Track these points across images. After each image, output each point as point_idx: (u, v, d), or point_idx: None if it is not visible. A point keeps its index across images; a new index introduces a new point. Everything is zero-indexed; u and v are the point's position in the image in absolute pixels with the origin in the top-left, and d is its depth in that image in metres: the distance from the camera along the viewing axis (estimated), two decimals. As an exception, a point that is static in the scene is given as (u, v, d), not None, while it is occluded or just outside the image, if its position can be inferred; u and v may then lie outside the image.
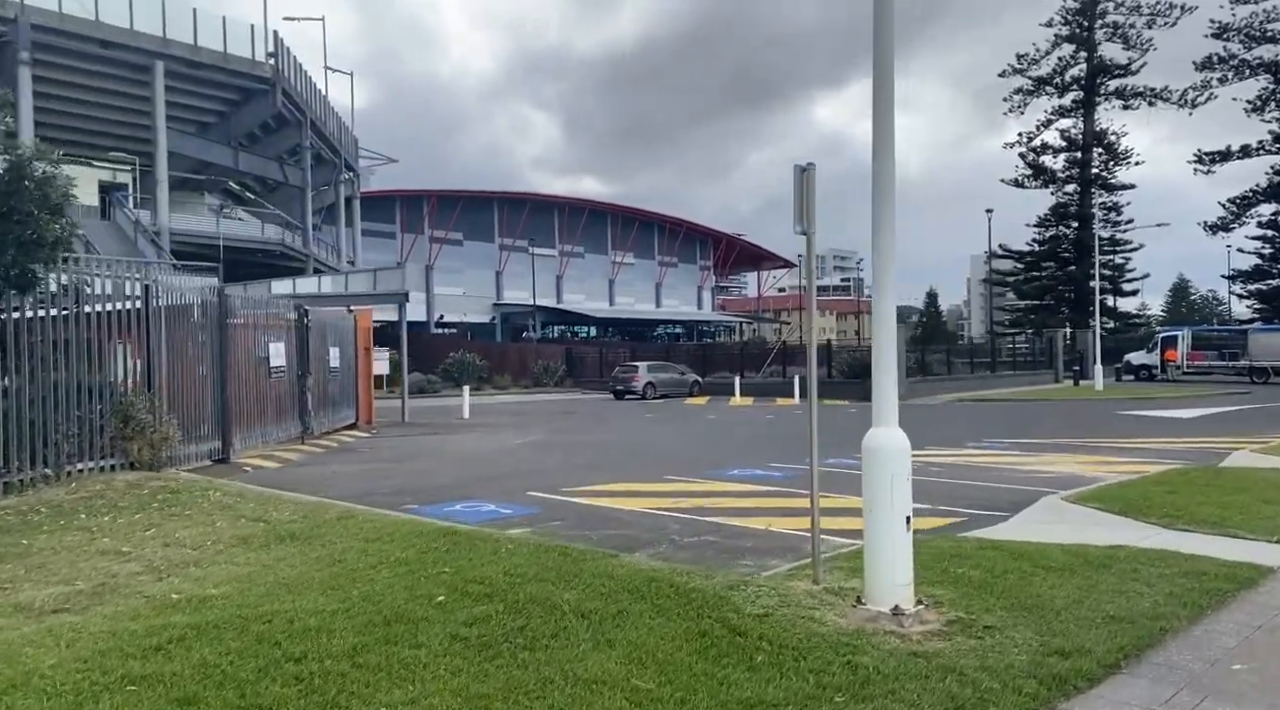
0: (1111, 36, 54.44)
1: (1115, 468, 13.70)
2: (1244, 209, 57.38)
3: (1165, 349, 42.82)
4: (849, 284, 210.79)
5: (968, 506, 10.25)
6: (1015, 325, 58.89)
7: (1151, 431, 20.44)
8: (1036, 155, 56.45)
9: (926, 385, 34.71)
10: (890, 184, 5.39)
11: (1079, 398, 32.76)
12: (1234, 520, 8.48)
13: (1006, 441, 18.41)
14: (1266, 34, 54.79)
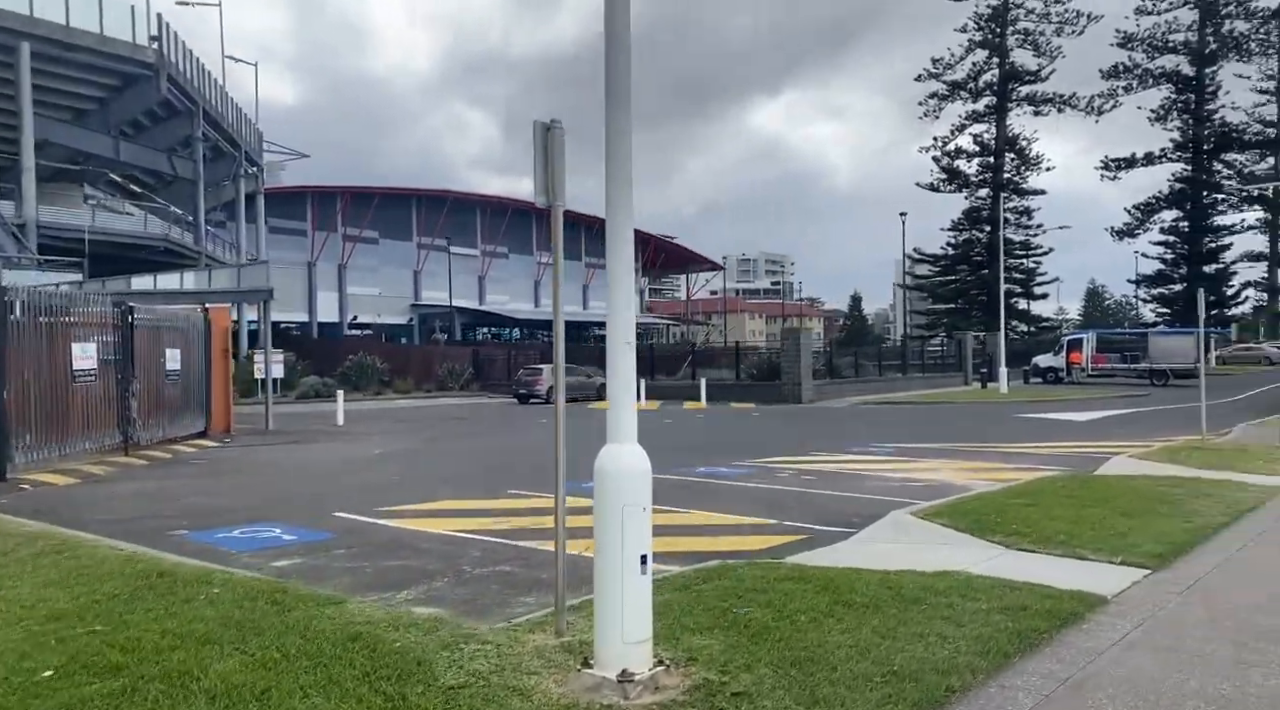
0: (1023, 43, 55.34)
1: (992, 475, 13.13)
2: (1148, 215, 58.99)
3: (1071, 352, 43.36)
4: (780, 287, 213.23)
5: (816, 522, 9.42)
6: (930, 328, 59.40)
7: (1044, 435, 20.14)
8: (951, 159, 57.06)
9: (835, 387, 34.32)
10: (625, 92, 4.37)
11: (983, 400, 32.72)
12: (1083, 537, 7.77)
13: (894, 446, 17.82)
14: (1168, 44, 56.44)
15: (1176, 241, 57.53)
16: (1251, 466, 12.94)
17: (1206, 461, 13.43)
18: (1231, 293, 58.45)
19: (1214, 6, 55.79)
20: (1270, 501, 9.98)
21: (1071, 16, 54.00)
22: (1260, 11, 55.86)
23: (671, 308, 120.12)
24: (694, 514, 10.03)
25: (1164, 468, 12.82)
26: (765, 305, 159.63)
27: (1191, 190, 56.66)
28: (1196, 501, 9.66)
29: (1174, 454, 14.38)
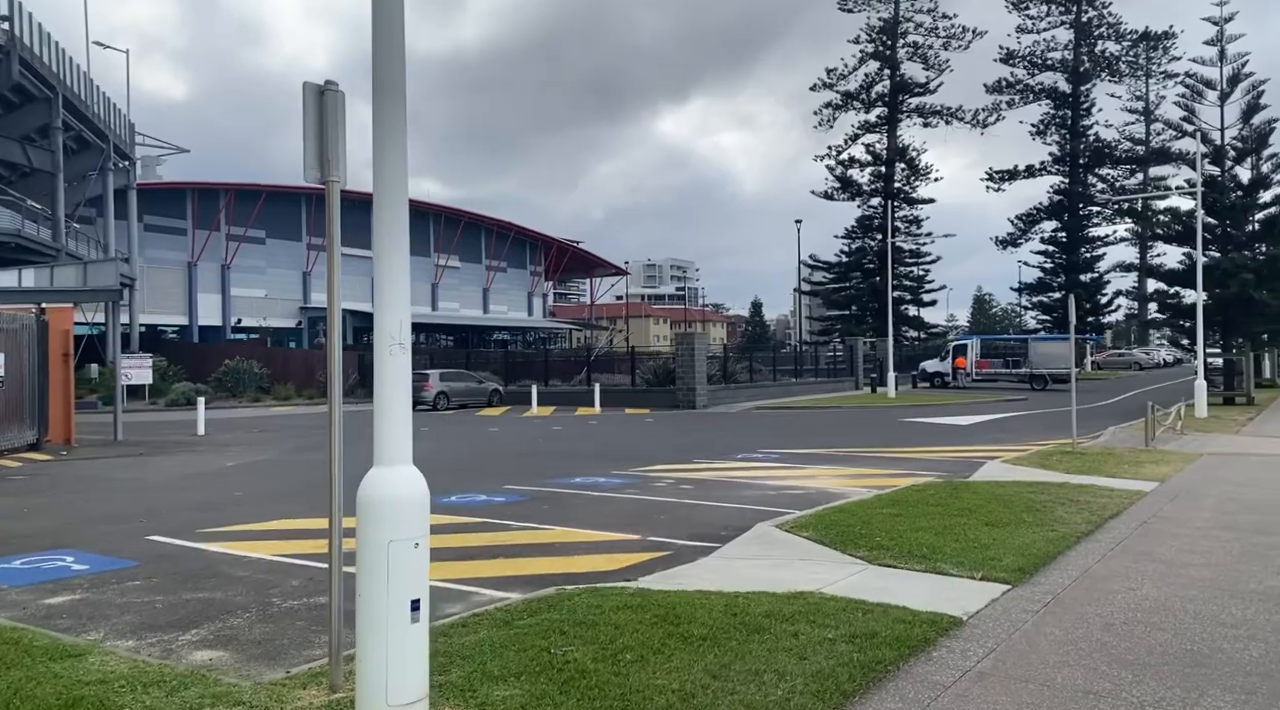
0: (913, 56, 56.96)
1: (870, 482, 12.97)
2: (1029, 226, 61.49)
3: (956, 357, 44.62)
4: (684, 293, 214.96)
5: (683, 536, 8.92)
6: (825, 333, 60.46)
7: (927, 440, 20.31)
8: (845, 168, 58.23)
9: (729, 392, 34.28)
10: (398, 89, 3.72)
11: (871, 405, 33.19)
12: (947, 550, 7.48)
13: (780, 452, 17.61)
14: (1047, 62, 59.02)
15: (1055, 251, 60.15)
16: (1117, 470, 13.14)
17: (1075, 466, 13.60)
18: (1105, 301, 61.52)
19: (1087, 27, 58.73)
20: (1131, 507, 10.01)
21: (958, 31, 55.99)
22: (1129, 34, 59.23)
23: (576, 312, 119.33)
24: (554, 531, 9.40)
25: (1034, 473, 12.89)
26: (670, 310, 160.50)
27: (1069, 202, 59.41)
28: (1061, 509, 9.59)
29: (1045, 459, 14.56)
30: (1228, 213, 30.44)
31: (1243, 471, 13.25)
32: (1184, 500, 10.56)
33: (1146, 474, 12.77)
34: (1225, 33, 29.72)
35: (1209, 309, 31.51)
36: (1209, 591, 6.38)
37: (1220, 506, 10.13)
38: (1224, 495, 10.95)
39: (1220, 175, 31.08)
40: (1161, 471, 13.05)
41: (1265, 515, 9.54)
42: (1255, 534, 8.50)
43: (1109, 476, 12.56)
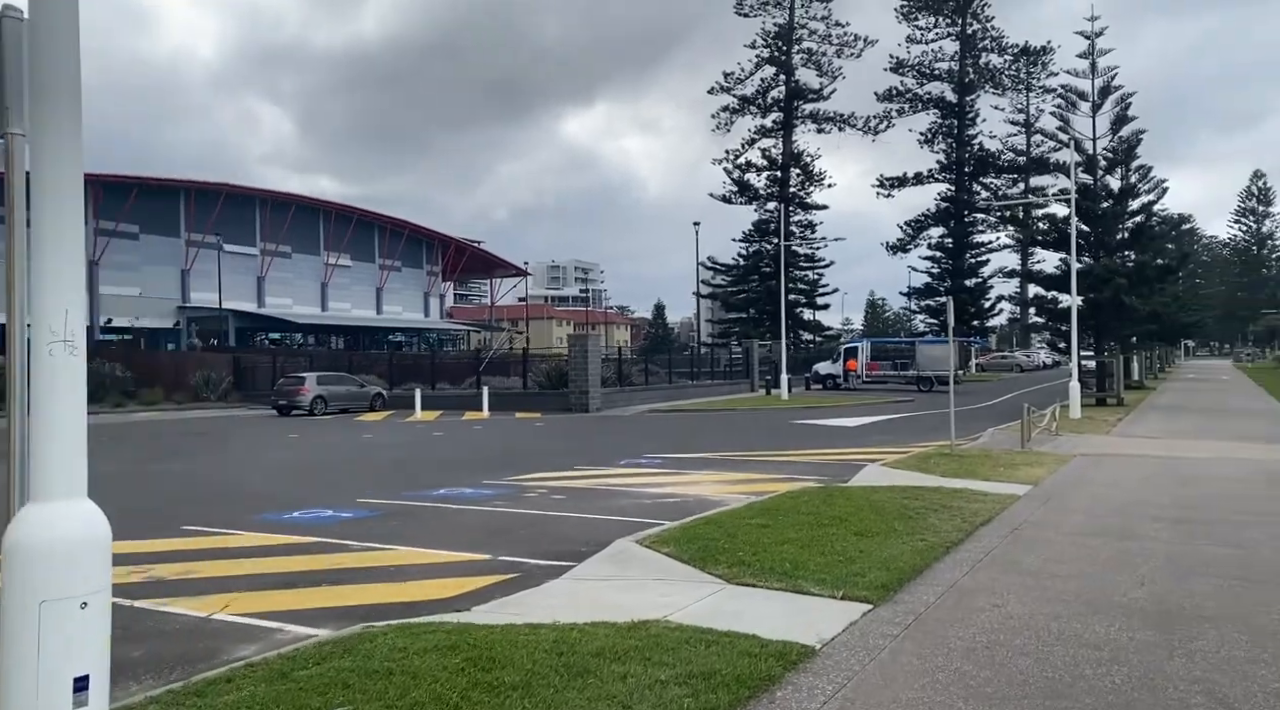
0: (807, 62, 57.79)
1: (750, 487, 12.56)
2: (918, 232, 63.25)
3: (848, 359, 45.33)
4: (589, 294, 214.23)
5: (539, 554, 8.21)
6: (724, 336, 60.74)
7: (814, 442, 20.17)
8: (742, 173, 58.62)
9: (624, 395, 33.74)
10: None
11: (765, 407, 33.20)
12: (811, 565, 6.99)
13: (666, 457, 17.11)
14: (934, 72, 60.80)
15: (942, 257, 62.02)
16: (992, 473, 13.08)
17: (952, 469, 13.50)
18: (989, 305, 63.76)
19: (972, 40, 60.87)
20: (1004, 512, 9.81)
21: (850, 39, 57.11)
22: (1011, 48, 61.68)
23: (477, 314, 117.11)
24: (397, 552, 8.54)
25: (911, 477, 12.70)
26: (573, 312, 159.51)
27: (955, 209, 61.38)
28: (934, 516, 9.29)
29: (924, 462, 14.45)
30: (1100, 220, 31.71)
31: (1111, 472, 13.39)
32: (1055, 504, 10.45)
33: (1021, 477, 12.74)
34: (1096, 47, 31.05)
35: (1083, 313, 32.70)
36: (1074, 607, 6.05)
37: (1089, 509, 10.04)
38: (1093, 498, 10.92)
39: (1093, 184, 32.38)
40: (1035, 474, 13.06)
41: (1129, 518, 9.47)
42: (1121, 538, 8.35)
43: (984, 480, 12.46)
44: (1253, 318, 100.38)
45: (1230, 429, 21.69)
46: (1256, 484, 12.11)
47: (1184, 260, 39.58)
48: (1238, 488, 11.75)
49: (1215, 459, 15.08)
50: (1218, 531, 8.72)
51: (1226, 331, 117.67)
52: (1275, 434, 20.37)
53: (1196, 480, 12.43)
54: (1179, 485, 11.98)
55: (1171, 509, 10.02)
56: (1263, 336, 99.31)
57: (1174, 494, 11.19)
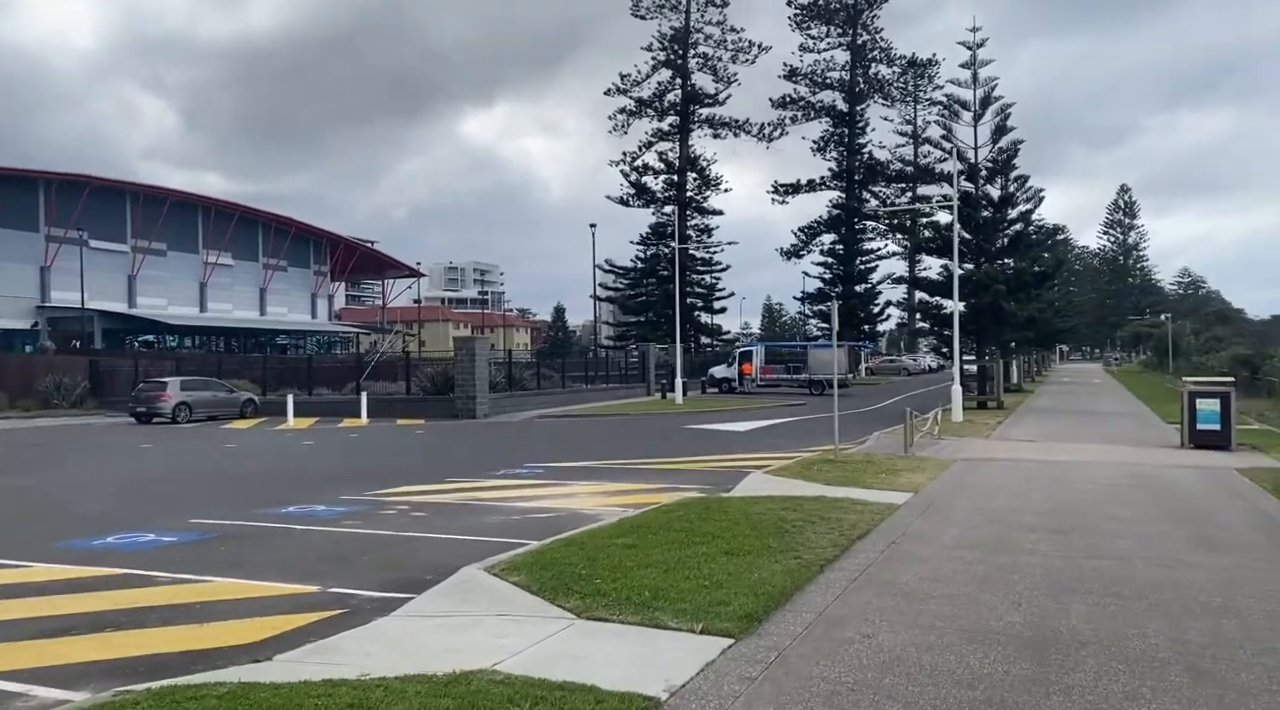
0: (703, 67, 57.95)
1: (628, 498, 11.93)
2: (811, 238, 64.26)
3: (742, 363, 45.46)
4: (488, 296, 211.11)
5: (375, 585, 7.33)
6: (622, 339, 60.26)
7: (703, 448, 19.75)
8: (639, 175, 58.29)
9: (515, 401, 32.72)
10: None
11: (658, 411, 32.77)
12: (672, 593, 6.36)
13: (548, 466, 16.32)
14: (827, 81, 61.92)
15: (834, 262, 63.19)
16: (874, 481, 12.83)
17: (835, 477, 13.19)
18: (878, 310, 65.38)
19: (862, 50, 62.33)
20: (882, 523, 9.45)
21: (745, 45, 57.53)
22: (899, 59, 63.40)
23: (370, 316, 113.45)
24: (212, 584, 7.50)
25: (793, 485, 12.31)
26: (471, 315, 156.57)
27: (846, 216, 62.67)
28: (811, 529, 8.83)
29: (807, 469, 14.12)
30: (981, 228, 32.63)
31: (990, 478, 13.33)
32: (934, 514, 10.18)
33: (902, 484, 12.51)
34: (978, 58, 31.97)
35: (965, 318, 33.52)
36: (949, 635, 5.59)
37: (967, 519, 9.79)
38: (971, 506, 10.71)
39: (975, 192, 33.29)
40: (916, 480, 12.87)
41: (1006, 528, 9.24)
42: (997, 552, 8.05)
43: (866, 487, 12.18)
44: (1120, 324, 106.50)
45: (1101, 431, 22.36)
46: (1126, 488, 12.21)
47: (1059, 267, 41.22)
48: (1108, 492, 11.79)
49: (1088, 462, 15.30)
50: (1092, 542, 8.54)
51: (1097, 336, 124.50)
52: (1141, 436, 21.08)
53: (1071, 485, 12.45)
54: (1055, 490, 11.96)
55: (1047, 517, 9.87)
56: (1129, 341, 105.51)
57: (1050, 500, 11.11)
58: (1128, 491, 11.89)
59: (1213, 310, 76.94)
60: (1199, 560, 7.76)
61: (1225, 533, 9.02)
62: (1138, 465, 14.85)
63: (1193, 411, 18.04)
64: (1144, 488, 12.24)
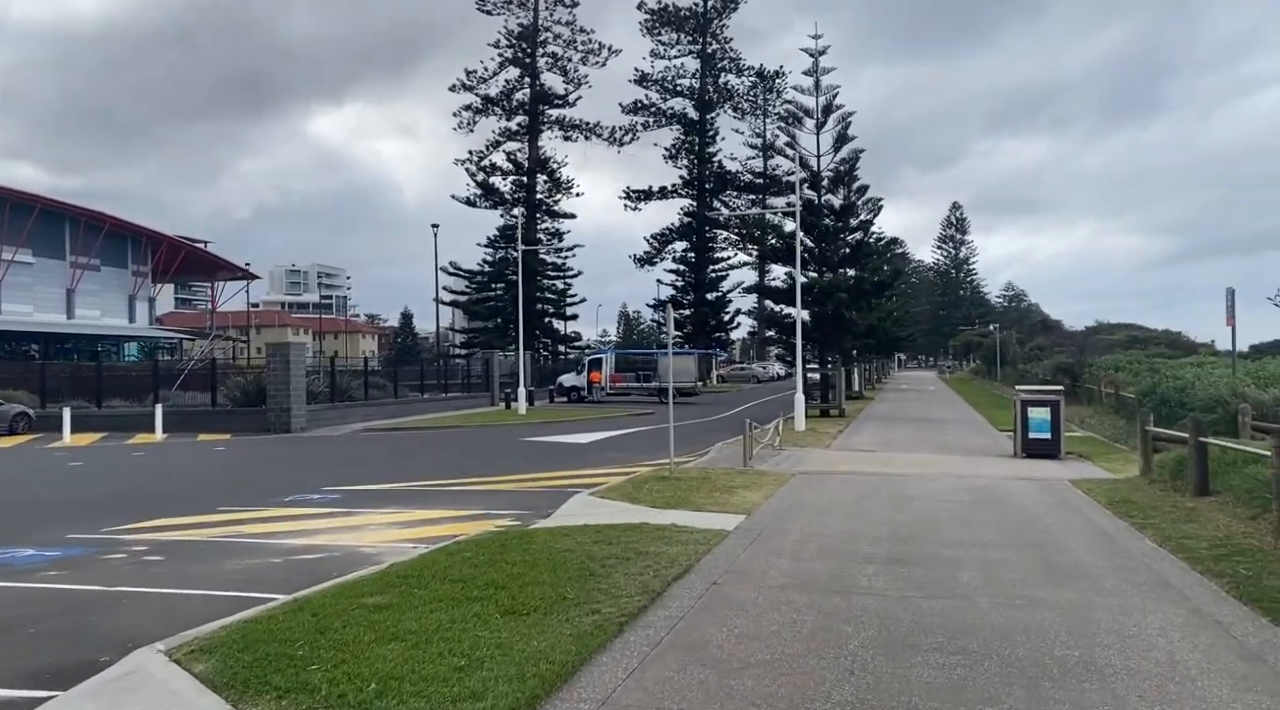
0: (553, 67, 56.51)
1: (425, 531, 10.26)
2: (664, 245, 63.97)
3: (591, 371, 44.15)
4: (332, 301, 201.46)
5: (18, 676, 5.35)
6: (468, 346, 57.79)
7: (536, 463, 18.19)
8: (487, 175, 56.17)
9: (339, 412, 30.07)
10: None
11: (498, 422, 30.95)
12: (410, 682, 4.78)
13: (347, 489, 14.34)
14: (677, 88, 61.77)
15: (686, 270, 63.12)
16: (707, 501, 11.67)
17: (665, 497, 11.96)
18: (729, 318, 65.78)
19: (712, 59, 62.59)
20: (706, 557, 8.19)
21: (596, 47, 56.54)
22: (748, 70, 63.98)
23: (199, 320, 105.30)
24: None
25: (617, 510, 10.97)
26: (314, 320, 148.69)
27: (697, 224, 62.71)
28: (622, 570, 7.46)
29: (637, 488, 12.83)
30: (824, 236, 32.75)
31: (827, 494, 12.45)
32: (765, 541, 9.04)
33: (736, 504, 11.40)
34: (820, 65, 32.08)
35: (809, 326, 33.51)
36: (760, 731, 4.27)
37: (799, 549, 8.69)
38: (806, 531, 9.65)
39: (817, 200, 33.40)
40: (751, 499, 11.80)
41: (841, 559, 8.17)
42: (829, 593, 6.91)
43: (696, 509, 10.98)
44: (953, 333, 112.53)
45: (937, 439, 22.35)
46: (965, 504, 11.57)
47: (898, 276, 42.24)
48: (946, 510, 11.08)
49: (926, 475, 14.77)
50: (933, 575, 7.57)
51: (932, 346, 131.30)
52: (975, 444, 21.14)
53: (909, 502, 11.70)
54: (893, 509, 11.14)
55: (885, 543, 8.91)
56: (961, 350, 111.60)
57: (888, 521, 10.23)
58: (966, 508, 11.21)
59: (1036, 321, 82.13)
60: (1047, 595, 6.88)
61: (1068, 557, 8.29)
62: (974, 478, 14.40)
63: (1025, 420, 18.02)
64: (982, 503, 11.62)
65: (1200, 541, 8.76)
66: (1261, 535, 8.82)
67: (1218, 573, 7.47)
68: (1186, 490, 11.51)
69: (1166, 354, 40.41)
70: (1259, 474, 10.05)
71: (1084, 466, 16.31)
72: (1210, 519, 9.85)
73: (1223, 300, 20.86)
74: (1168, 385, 20.82)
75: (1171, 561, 8.03)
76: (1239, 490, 10.45)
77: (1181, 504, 10.87)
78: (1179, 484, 11.93)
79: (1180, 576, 7.46)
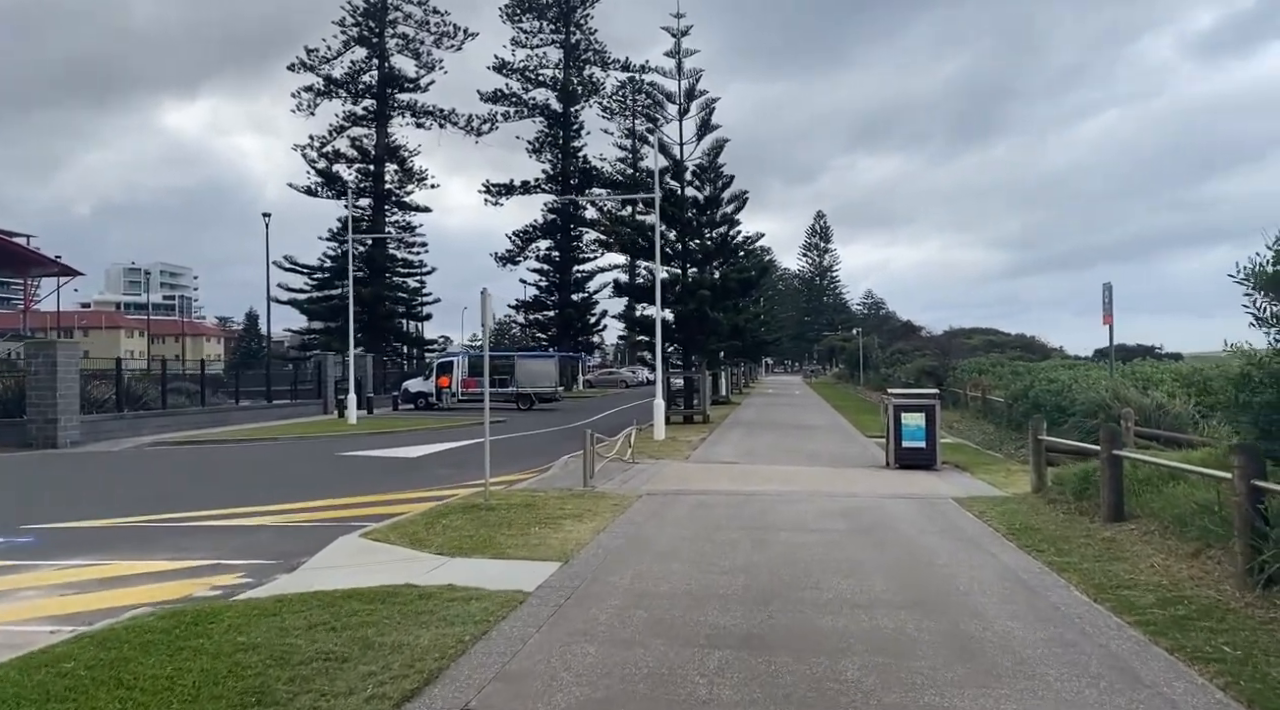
0: (403, 49, 52.42)
1: (101, 600, 7.27)
2: (527, 243, 60.75)
3: (441, 375, 40.57)
4: (174, 302, 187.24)
5: None
6: (307, 348, 52.75)
7: (334, 486, 14.97)
8: (330, 162, 51.49)
9: (126, 423, 25.59)
10: None
11: (321, 433, 27.20)
12: None
13: (56, 527, 10.89)
14: (540, 78, 58.80)
15: (550, 270, 60.10)
16: (517, 540, 8.92)
17: (461, 536, 9.13)
18: (595, 320, 63.08)
19: (576, 49, 59.90)
20: (474, 648, 5.44)
21: (451, 30, 52.79)
22: (615, 63, 61.32)
23: (14, 321, 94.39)
24: None
25: (386, 558, 8.07)
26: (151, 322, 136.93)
27: (562, 222, 59.82)
28: (320, 687, 4.59)
29: (431, 524, 9.93)
30: (688, 231, 30.70)
31: (674, 524, 9.92)
32: (574, 611, 6.36)
33: (554, 545, 8.71)
34: (682, 46, 29.92)
35: (673, 326, 31.34)
36: None
37: (620, 622, 6.06)
38: (636, 587, 7.05)
39: (680, 191, 31.30)
40: (576, 536, 9.14)
41: (674, 644, 5.59)
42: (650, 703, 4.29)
43: (498, 555, 8.25)
44: (817, 338, 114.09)
45: (803, 447, 20.45)
46: (837, 533, 9.29)
47: (765, 272, 40.72)
48: (819, 545, 8.74)
49: (793, 493, 12.52)
50: (805, 670, 5.08)
51: (798, 350, 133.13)
52: (845, 453, 19.29)
53: (773, 534, 9.31)
54: (753, 547, 8.70)
55: (740, 607, 6.41)
56: (825, 355, 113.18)
57: (746, 567, 7.76)
58: (843, 542, 8.91)
59: (898, 325, 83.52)
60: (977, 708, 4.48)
61: (986, 627, 5.99)
62: (848, 497, 12.24)
63: (898, 427, 16.15)
64: (861, 534, 9.36)
65: (1143, 592, 6.68)
66: (1216, 582, 6.82)
67: (1192, 651, 5.30)
68: (1096, 514, 9.60)
69: (1024, 357, 40.52)
70: (1192, 497, 8.14)
71: (965, 479, 14.51)
72: (1139, 555, 7.86)
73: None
74: (1041, 388, 19.53)
75: (1120, 630, 5.85)
76: (1163, 516, 8.54)
77: (1096, 533, 8.90)
78: (1084, 506, 10.03)
79: (1145, 660, 5.25)
